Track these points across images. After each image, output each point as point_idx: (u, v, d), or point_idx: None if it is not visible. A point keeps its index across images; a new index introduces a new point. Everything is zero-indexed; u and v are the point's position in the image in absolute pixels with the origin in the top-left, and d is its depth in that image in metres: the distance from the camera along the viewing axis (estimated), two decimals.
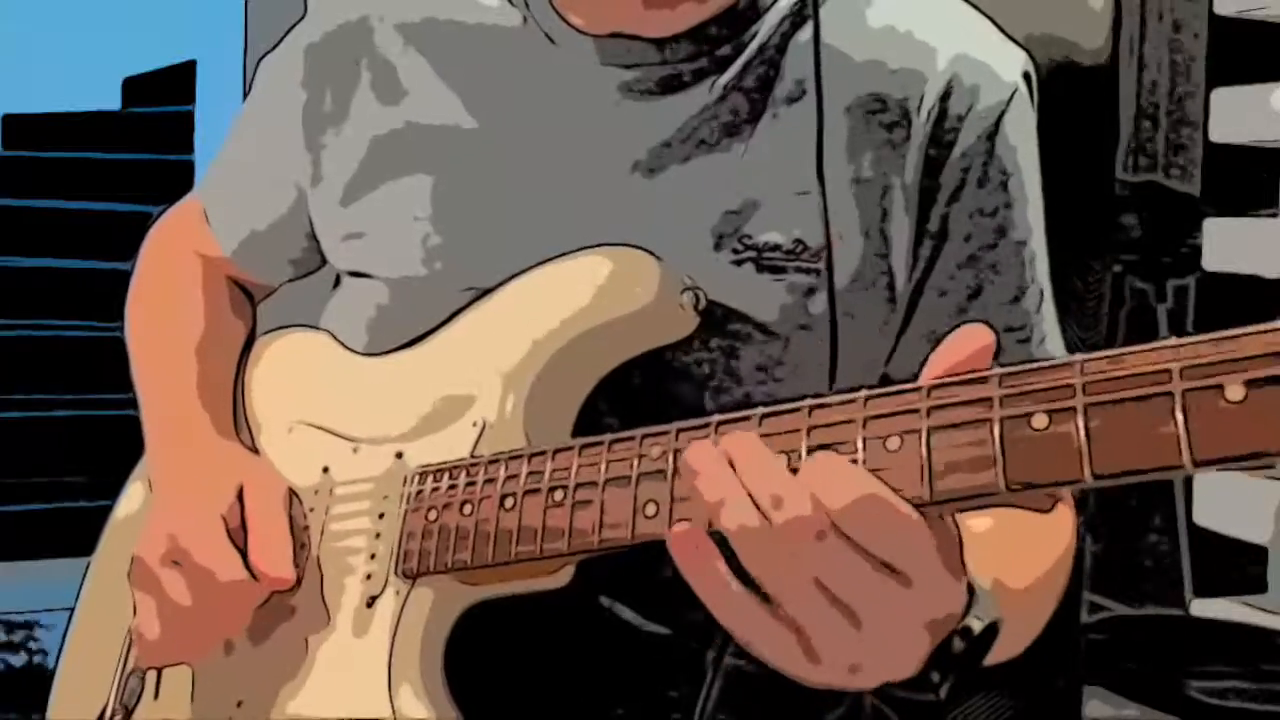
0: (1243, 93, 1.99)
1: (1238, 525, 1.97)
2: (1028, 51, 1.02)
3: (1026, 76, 1.00)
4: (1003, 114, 0.98)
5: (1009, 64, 1.00)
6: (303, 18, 1.12)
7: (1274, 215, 2.01)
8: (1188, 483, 1.98)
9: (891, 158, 0.96)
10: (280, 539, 0.98)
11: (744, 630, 0.72)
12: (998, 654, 0.80)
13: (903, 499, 0.69)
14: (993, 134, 0.97)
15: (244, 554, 0.97)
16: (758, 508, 0.69)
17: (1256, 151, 2.00)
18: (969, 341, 0.71)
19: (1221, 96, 2.02)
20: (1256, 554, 1.99)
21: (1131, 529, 2.08)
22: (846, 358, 0.96)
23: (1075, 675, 1.91)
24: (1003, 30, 1.02)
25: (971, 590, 0.73)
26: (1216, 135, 2.02)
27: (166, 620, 0.98)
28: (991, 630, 0.74)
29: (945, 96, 0.97)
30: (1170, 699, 1.97)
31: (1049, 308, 1.01)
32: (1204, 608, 2.01)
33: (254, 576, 0.96)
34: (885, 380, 0.98)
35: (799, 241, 0.96)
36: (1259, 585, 2.01)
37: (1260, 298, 1.93)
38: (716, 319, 0.95)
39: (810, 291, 0.95)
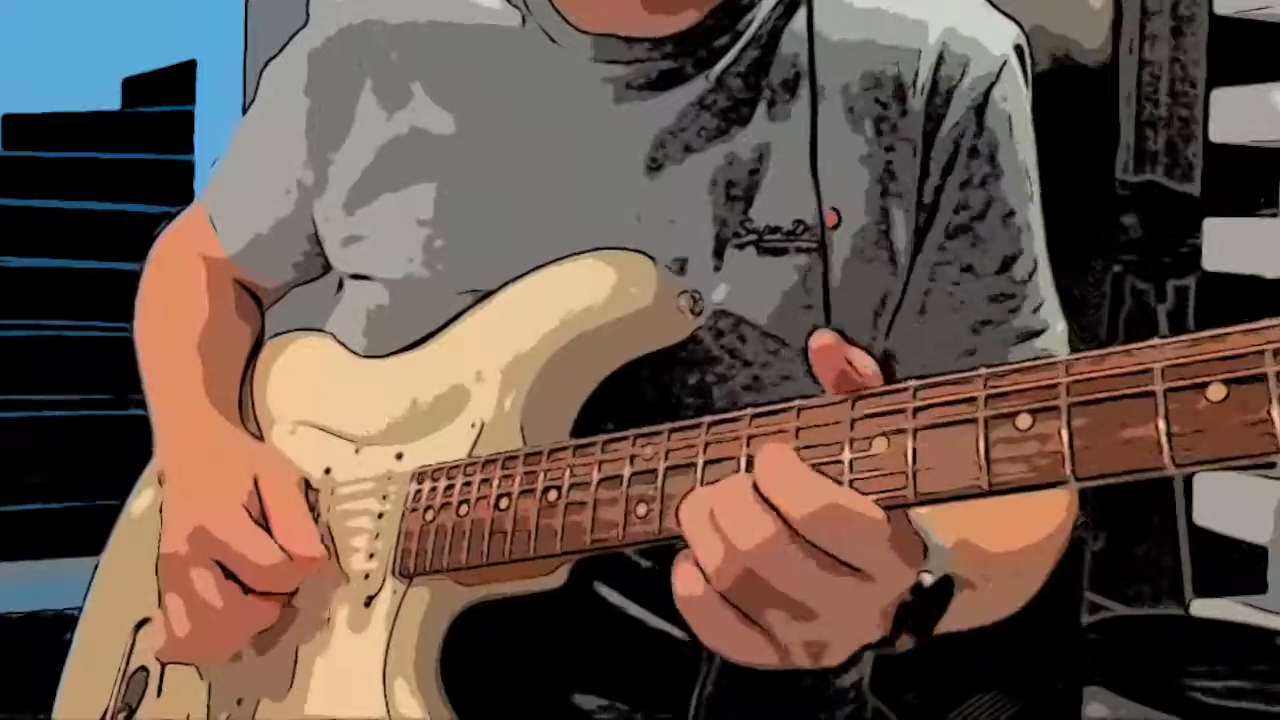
0: (1243, 93, 1.99)
1: (1238, 525, 1.96)
2: (1019, 25, 1.03)
3: (1018, 49, 1.01)
4: (991, 86, 0.99)
5: (998, 37, 1.01)
6: (306, 22, 1.13)
7: (1274, 215, 2.01)
8: (1187, 483, 1.98)
9: (889, 134, 0.97)
10: (303, 520, 0.98)
11: (724, 645, 0.73)
12: (971, 617, 0.81)
13: (871, 499, 0.69)
14: (981, 106, 0.98)
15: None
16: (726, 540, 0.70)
17: (1256, 151, 2.00)
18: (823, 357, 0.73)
19: (1221, 96, 2.02)
20: (1256, 554, 1.99)
21: (1131, 529, 2.07)
22: (848, 334, 0.96)
23: (1075, 675, 1.91)
24: (995, 5, 1.03)
25: (924, 549, 0.74)
26: (1216, 135, 2.02)
27: (198, 616, 0.97)
28: (945, 584, 0.75)
29: (936, 70, 0.98)
30: (1170, 699, 1.96)
31: (1043, 276, 1.01)
32: (1204, 608, 2.01)
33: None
34: (886, 357, 0.98)
35: (798, 222, 0.96)
36: (1259, 585, 2.00)
37: (1260, 298, 1.92)
38: (718, 310, 0.96)
39: (811, 271, 0.96)
